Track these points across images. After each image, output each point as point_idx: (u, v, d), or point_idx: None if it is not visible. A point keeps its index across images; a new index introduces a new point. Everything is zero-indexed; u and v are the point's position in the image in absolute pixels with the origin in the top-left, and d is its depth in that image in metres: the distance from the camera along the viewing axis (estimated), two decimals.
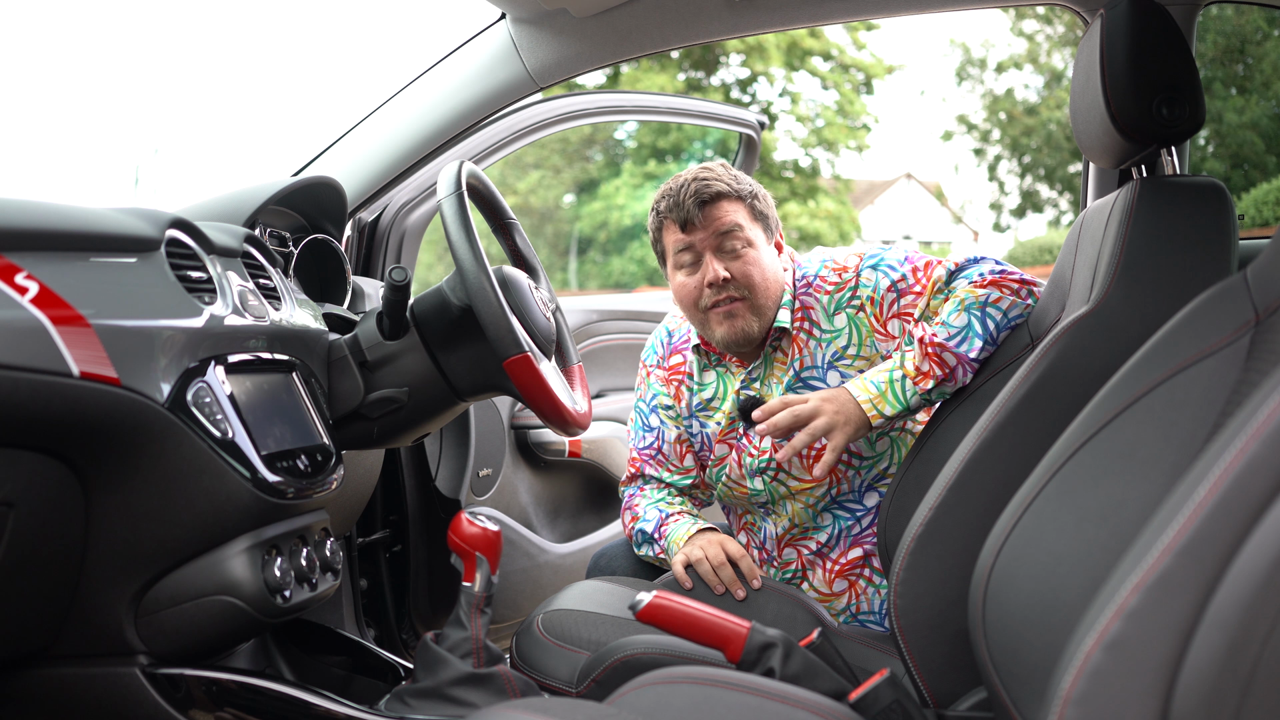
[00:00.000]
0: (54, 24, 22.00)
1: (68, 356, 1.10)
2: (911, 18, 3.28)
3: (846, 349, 1.70)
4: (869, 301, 1.69)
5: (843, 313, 1.70)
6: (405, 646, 2.16)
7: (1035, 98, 19.93)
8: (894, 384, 1.58)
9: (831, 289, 1.72)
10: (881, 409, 1.58)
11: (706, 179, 1.70)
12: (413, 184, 2.18)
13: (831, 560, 1.75)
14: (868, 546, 1.74)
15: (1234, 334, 0.91)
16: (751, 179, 1.76)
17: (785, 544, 1.78)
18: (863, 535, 1.74)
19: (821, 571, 1.75)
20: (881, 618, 1.74)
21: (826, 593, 1.76)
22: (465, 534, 1.42)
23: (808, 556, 1.76)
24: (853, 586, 1.74)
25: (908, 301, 1.67)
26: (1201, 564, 0.63)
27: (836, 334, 1.71)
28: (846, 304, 1.70)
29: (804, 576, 1.77)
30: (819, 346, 1.71)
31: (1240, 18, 14.30)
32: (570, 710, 0.94)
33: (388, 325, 1.55)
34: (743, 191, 1.71)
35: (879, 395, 1.59)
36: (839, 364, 1.70)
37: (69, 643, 1.27)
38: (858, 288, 1.70)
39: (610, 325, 2.72)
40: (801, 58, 17.92)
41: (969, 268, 1.65)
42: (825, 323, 1.71)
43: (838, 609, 1.76)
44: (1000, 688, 1.01)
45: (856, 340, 1.70)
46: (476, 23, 2.04)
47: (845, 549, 1.74)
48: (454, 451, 2.24)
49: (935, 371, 1.56)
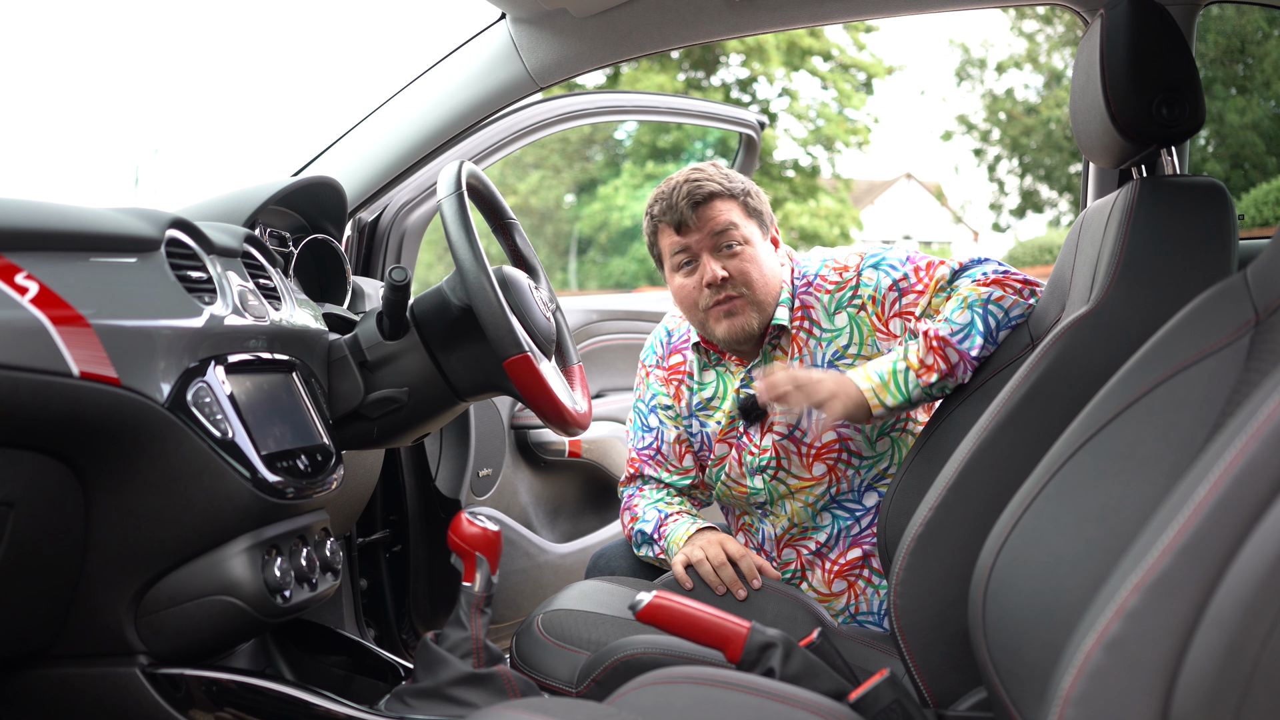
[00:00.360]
0: (54, 24, 22.00)
1: (68, 356, 1.10)
2: (911, 18, 3.28)
3: (847, 348, 1.70)
4: (870, 301, 1.69)
5: (844, 312, 1.71)
6: (405, 646, 2.16)
7: (1035, 98, 19.93)
8: (897, 375, 1.58)
9: (832, 288, 1.72)
10: (883, 398, 1.58)
11: (698, 180, 1.70)
12: (413, 184, 2.18)
13: (830, 560, 1.75)
14: (867, 547, 1.74)
15: (1234, 334, 0.91)
16: (744, 177, 1.76)
17: (784, 544, 1.78)
18: (862, 535, 1.74)
19: (820, 572, 1.75)
20: (880, 618, 1.74)
21: (825, 593, 1.76)
22: (465, 534, 1.42)
23: (807, 557, 1.76)
24: (852, 587, 1.74)
25: (909, 300, 1.67)
26: (1201, 564, 0.63)
27: (837, 333, 1.71)
28: (848, 303, 1.70)
29: (803, 577, 1.77)
30: (819, 345, 1.72)
31: (1240, 18, 14.29)
32: (570, 710, 0.94)
33: (388, 325, 1.55)
34: (735, 190, 1.71)
35: (881, 385, 1.58)
36: (839, 363, 1.71)
37: (69, 643, 1.27)
38: (859, 287, 1.70)
39: (610, 325, 2.72)
40: (801, 57, 17.92)
41: (972, 267, 1.65)
42: (826, 322, 1.71)
43: (837, 609, 1.75)
44: (1000, 688, 1.01)
45: (858, 339, 1.70)
46: (476, 23, 2.04)
47: (844, 549, 1.74)
48: (454, 451, 2.24)
49: (939, 365, 1.56)
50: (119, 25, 25.09)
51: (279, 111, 25.92)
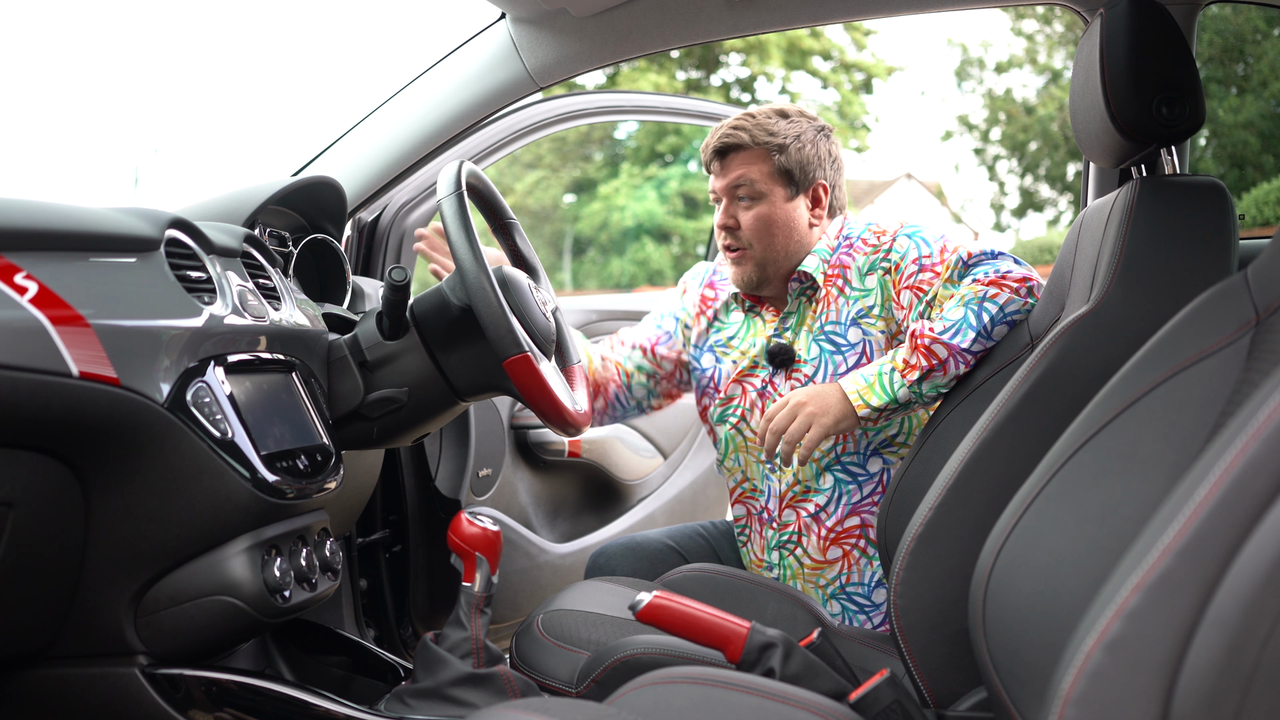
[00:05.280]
0: (54, 24, 21.99)
1: (67, 356, 1.10)
2: (911, 18, 3.28)
3: (871, 308, 1.76)
4: (894, 267, 1.75)
5: (874, 274, 1.77)
6: (405, 646, 2.16)
7: (1035, 97, 19.94)
8: (882, 376, 1.64)
9: (869, 251, 1.78)
10: (868, 399, 1.64)
11: (736, 128, 1.78)
12: (413, 184, 2.18)
13: (827, 528, 1.77)
14: (865, 516, 1.77)
15: (1234, 334, 0.91)
16: (808, 122, 1.79)
17: (787, 503, 1.81)
18: (862, 503, 1.77)
19: (816, 538, 1.78)
20: (870, 591, 1.77)
21: (819, 559, 1.78)
22: (465, 534, 1.42)
23: (805, 520, 1.79)
24: (846, 556, 1.77)
25: (925, 278, 1.72)
26: (1202, 564, 0.63)
27: (865, 293, 1.76)
28: (879, 266, 1.76)
29: (799, 541, 1.80)
30: (846, 303, 1.77)
31: (1239, 18, 14.29)
32: (570, 710, 0.94)
33: (387, 325, 1.55)
34: (771, 144, 1.76)
35: (866, 387, 1.64)
36: (862, 321, 1.76)
37: (69, 643, 1.26)
38: (890, 251, 1.76)
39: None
40: (801, 57, 17.92)
41: (981, 264, 1.69)
42: (857, 281, 1.77)
43: (828, 578, 1.78)
44: (1000, 688, 1.01)
45: (881, 301, 1.76)
46: (476, 23, 2.04)
47: (842, 516, 1.77)
48: (454, 451, 2.24)
49: (920, 362, 1.61)
50: (119, 25, 25.09)
51: (279, 111, 25.92)
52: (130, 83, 24.74)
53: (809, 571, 1.79)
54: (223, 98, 25.79)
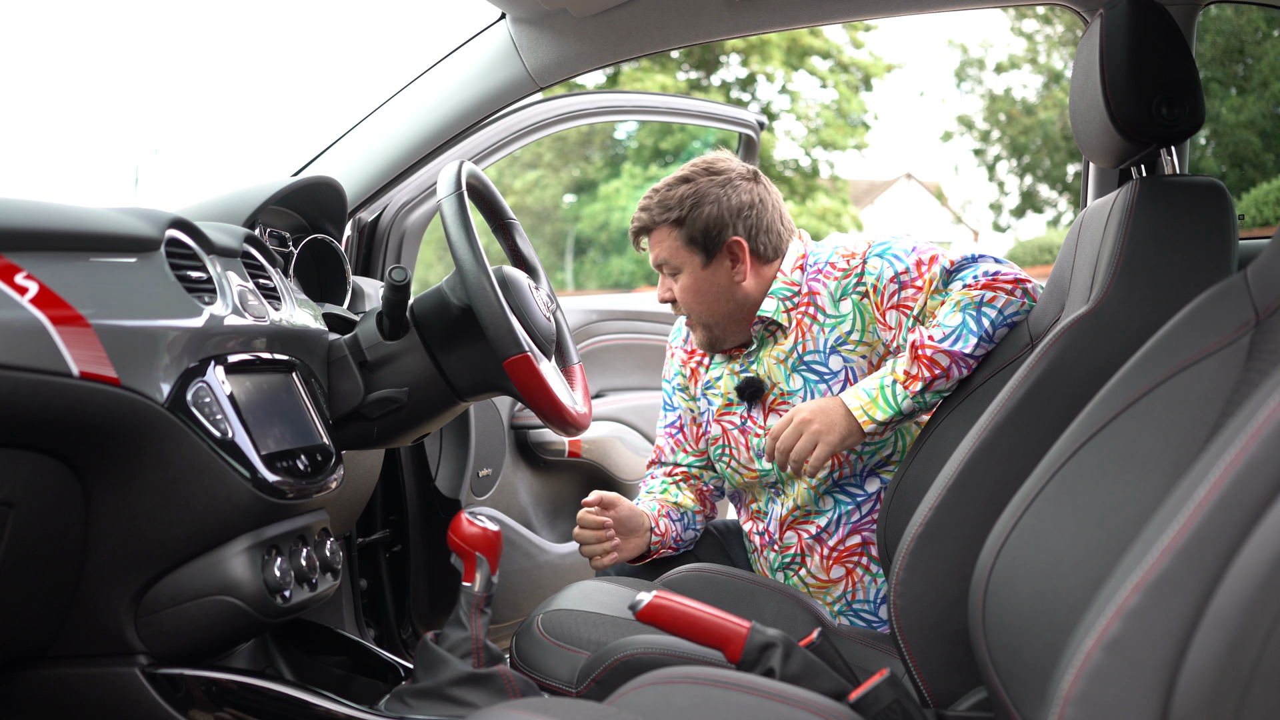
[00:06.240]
0: (54, 24, 21.99)
1: (67, 356, 1.10)
2: (911, 18, 3.28)
3: (850, 334, 1.73)
4: (871, 290, 1.71)
5: (848, 299, 1.73)
6: (405, 646, 2.16)
7: (1034, 98, 19.93)
8: (884, 389, 1.62)
9: (839, 275, 1.74)
10: (872, 414, 1.62)
11: (642, 209, 1.79)
12: (413, 184, 2.18)
13: (829, 547, 1.76)
14: (866, 534, 1.76)
15: (1234, 334, 0.91)
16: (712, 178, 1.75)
17: (788, 526, 1.80)
18: (862, 522, 1.76)
19: (819, 558, 1.77)
20: (877, 607, 1.76)
21: (823, 579, 1.78)
22: (465, 534, 1.42)
23: (807, 541, 1.78)
24: (850, 574, 1.76)
25: (908, 295, 1.68)
26: (1202, 564, 0.63)
27: (841, 319, 1.73)
28: (852, 290, 1.72)
29: (802, 562, 1.79)
30: (821, 331, 1.74)
31: (1239, 18, 14.29)
32: (570, 710, 0.94)
33: (388, 325, 1.55)
34: (670, 219, 1.75)
35: (870, 401, 1.62)
36: (841, 349, 1.73)
37: (69, 643, 1.27)
38: (863, 275, 1.72)
39: (610, 325, 2.72)
40: (801, 57, 17.92)
41: (965, 269, 1.66)
42: (830, 308, 1.74)
43: (834, 596, 1.77)
44: (1000, 688, 1.01)
45: (860, 326, 1.72)
46: (476, 23, 2.04)
47: (844, 535, 1.76)
48: (454, 451, 2.24)
49: (923, 373, 1.59)
50: (118, 25, 25.08)
51: (279, 111, 25.93)
52: (130, 83, 24.75)
53: (814, 590, 1.78)
54: (223, 98, 25.80)
